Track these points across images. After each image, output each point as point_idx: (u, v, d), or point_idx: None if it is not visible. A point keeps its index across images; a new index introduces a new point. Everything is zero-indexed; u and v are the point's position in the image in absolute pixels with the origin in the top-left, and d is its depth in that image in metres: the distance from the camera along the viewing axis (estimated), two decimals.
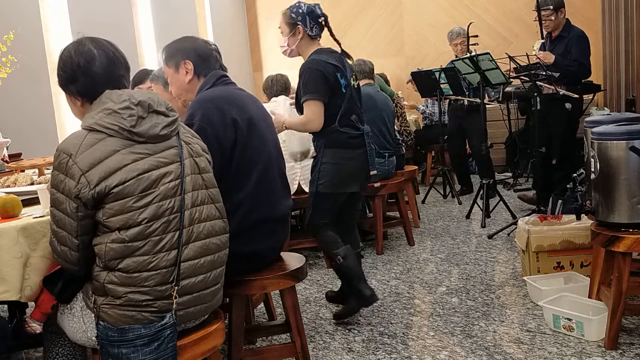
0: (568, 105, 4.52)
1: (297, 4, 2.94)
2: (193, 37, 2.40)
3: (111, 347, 1.67)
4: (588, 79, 4.89)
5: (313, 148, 3.30)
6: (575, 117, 4.70)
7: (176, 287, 1.69)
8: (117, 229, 1.63)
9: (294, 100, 3.46)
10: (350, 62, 3.05)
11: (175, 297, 1.69)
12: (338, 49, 2.99)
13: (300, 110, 2.96)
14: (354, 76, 3.04)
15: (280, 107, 3.72)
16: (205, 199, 1.82)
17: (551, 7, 4.55)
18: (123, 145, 1.65)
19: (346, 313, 3.01)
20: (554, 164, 4.61)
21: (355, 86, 3.03)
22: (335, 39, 2.96)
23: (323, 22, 2.93)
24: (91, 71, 1.75)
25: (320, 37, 2.97)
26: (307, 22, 2.89)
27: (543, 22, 4.59)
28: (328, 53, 2.91)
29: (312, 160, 3.79)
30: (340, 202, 3.00)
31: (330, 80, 2.82)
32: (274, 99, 3.96)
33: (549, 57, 4.49)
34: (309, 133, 3.03)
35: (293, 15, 2.90)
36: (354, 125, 2.92)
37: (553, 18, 4.58)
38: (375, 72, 4.71)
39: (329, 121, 2.87)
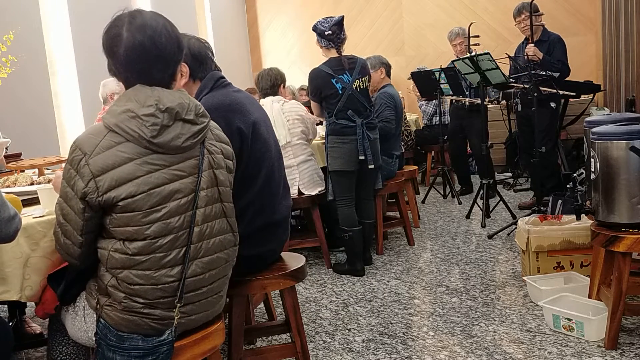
0: (553, 104, 4.74)
1: (315, 24, 3.65)
2: (187, 36, 2.26)
3: (107, 351, 1.66)
4: (588, 79, 4.96)
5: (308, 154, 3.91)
6: (558, 113, 4.92)
7: (179, 305, 1.65)
8: (122, 240, 1.60)
9: (284, 100, 3.87)
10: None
11: (177, 314, 1.66)
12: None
13: None
14: (364, 78, 3.69)
15: (267, 111, 3.64)
16: (218, 213, 1.74)
17: (542, 13, 4.89)
18: (139, 154, 1.57)
19: (340, 269, 3.80)
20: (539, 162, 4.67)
21: (361, 86, 3.67)
22: (339, 52, 3.66)
23: (331, 36, 3.59)
24: (114, 56, 1.62)
25: (334, 46, 3.64)
26: (317, 38, 3.67)
27: (532, 26, 4.70)
28: (331, 61, 3.65)
29: (310, 164, 3.82)
30: (349, 179, 3.67)
31: (321, 86, 3.63)
32: (262, 101, 3.79)
33: (539, 54, 4.66)
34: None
35: (314, 32, 3.67)
36: (349, 118, 3.63)
37: (544, 23, 4.90)
38: None
39: (328, 115, 3.67)
